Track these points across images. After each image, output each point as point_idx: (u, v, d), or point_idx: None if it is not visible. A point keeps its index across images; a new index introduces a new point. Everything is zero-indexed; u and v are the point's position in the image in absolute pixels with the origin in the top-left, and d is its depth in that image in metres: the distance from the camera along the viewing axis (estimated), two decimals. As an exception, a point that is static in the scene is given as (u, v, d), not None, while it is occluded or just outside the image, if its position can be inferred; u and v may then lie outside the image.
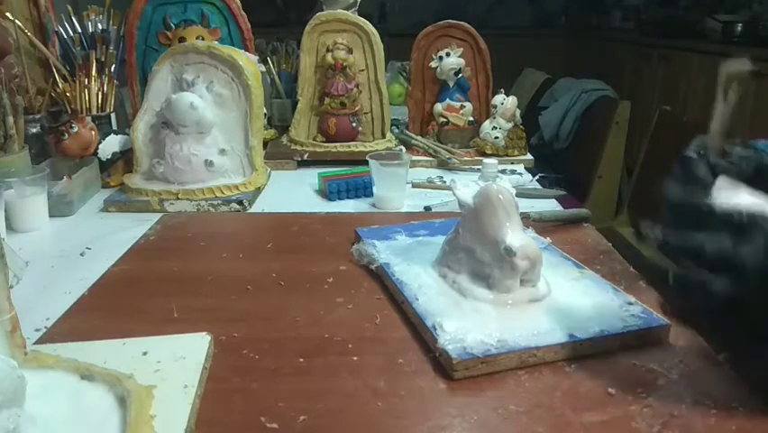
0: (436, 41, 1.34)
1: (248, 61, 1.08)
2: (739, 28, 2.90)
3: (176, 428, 0.44)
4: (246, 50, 1.22)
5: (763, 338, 0.43)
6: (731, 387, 0.51)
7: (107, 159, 1.09)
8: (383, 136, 1.32)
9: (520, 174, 1.22)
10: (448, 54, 1.32)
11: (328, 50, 1.25)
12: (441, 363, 0.54)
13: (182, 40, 1.17)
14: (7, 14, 1.13)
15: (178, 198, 1.01)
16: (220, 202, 1.01)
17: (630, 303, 0.61)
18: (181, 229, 0.88)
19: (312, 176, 1.15)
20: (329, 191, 1.06)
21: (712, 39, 3.04)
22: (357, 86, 1.27)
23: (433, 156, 1.28)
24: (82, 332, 0.59)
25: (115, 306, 0.66)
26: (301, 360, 0.55)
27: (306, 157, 1.26)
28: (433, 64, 1.34)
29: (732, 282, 0.42)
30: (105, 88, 1.18)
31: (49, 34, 1.24)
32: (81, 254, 0.83)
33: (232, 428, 0.47)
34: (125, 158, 1.11)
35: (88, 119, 1.07)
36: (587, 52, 4.27)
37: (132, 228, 0.90)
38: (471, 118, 1.35)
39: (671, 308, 0.54)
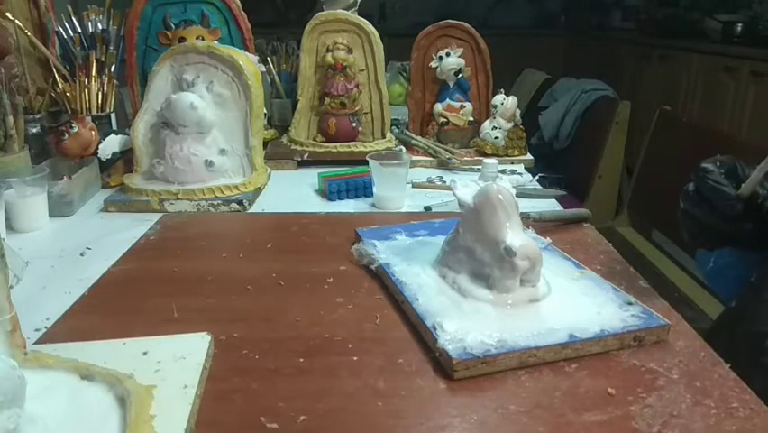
0: (436, 41, 1.34)
1: (248, 61, 1.08)
2: (739, 28, 2.90)
3: (176, 428, 0.44)
4: (246, 50, 1.22)
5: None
6: (731, 387, 0.51)
7: (107, 159, 1.09)
8: (383, 136, 1.32)
9: (520, 174, 1.22)
10: (448, 54, 1.32)
11: (328, 50, 1.25)
12: (441, 364, 0.54)
13: (182, 40, 1.17)
14: (7, 14, 1.13)
15: (178, 198, 1.01)
16: (220, 202, 1.01)
17: (630, 303, 0.61)
18: (181, 229, 0.88)
19: (312, 176, 1.15)
20: (329, 191, 1.06)
21: (712, 39, 3.04)
22: (357, 86, 1.27)
23: (433, 156, 1.28)
24: (82, 332, 0.59)
25: (115, 306, 0.66)
26: (301, 360, 0.55)
27: (306, 157, 1.26)
28: (433, 64, 1.34)
29: None
30: (105, 88, 1.18)
31: (49, 34, 1.24)
32: (81, 254, 0.83)
33: (232, 428, 0.47)
34: (125, 158, 1.11)
35: (88, 119, 1.07)
36: (587, 52, 4.27)
37: (132, 228, 0.90)
38: (471, 118, 1.35)
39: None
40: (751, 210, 0.66)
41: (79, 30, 1.27)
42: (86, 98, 1.16)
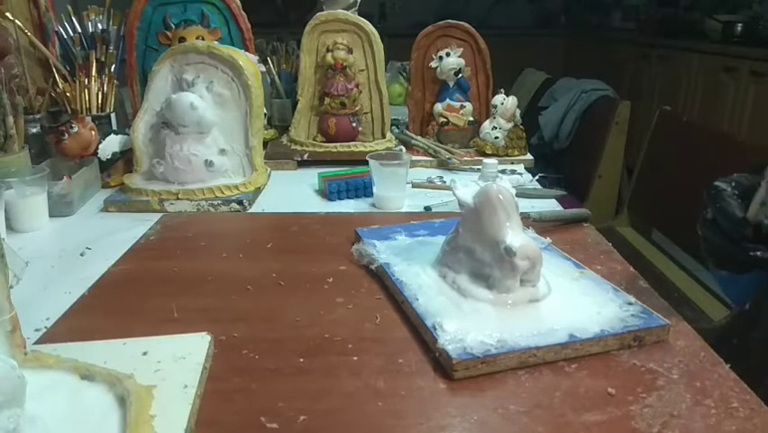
0: (436, 41, 1.34)
1: (248, 61, 1.08)
2: (739, 28, 2.90)
3: (176, 428, 0.44)
4: (246, 50, 1.22)
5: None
6: (731, 387, 0.51)
7: (107, 159, 1.09)
8: (383, 136, 1.32)
9: (520, 174, 1.22)
10: (448, 54, 1.32)
11: (328, 50, 1.25)
12: (441, 363, 0.54)
13: (182, 40, 1.17)
14: (7, 14, 1.13)
15: (178, 198, 1.01)
16: (220, 202, 1.01)
17: (630, 303, 0.61)
18: (181, 229, 0.88)
19: (312, 176, 1.15)
20: (329, 191, 1.06)
21: (712, 39, 3.04)
22: (357, 86, 1.27)
23: (433, 156, 1.28)
24: (82, 332, 0.59)
25: (115, 306, 0.66)
26: (301, 360, 0.55)
27: (306, 157, 1.26)
28: (433, 64, 1.34)
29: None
30: (105, 88, 1.18)
31: (49, 34, 1.24)
32: (81, 254, 0.83)
33: (232, 428, 0.47)
34: (125, 158, 1.11)
35: (88, 119, 1.07)
36: (587, 52, 4.27)
37: (132, 228, 0.90)
38: (471, 118, 1.35)
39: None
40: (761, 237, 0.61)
41: (79, 30, 1.27)
42: (86, 98, 1.16)
